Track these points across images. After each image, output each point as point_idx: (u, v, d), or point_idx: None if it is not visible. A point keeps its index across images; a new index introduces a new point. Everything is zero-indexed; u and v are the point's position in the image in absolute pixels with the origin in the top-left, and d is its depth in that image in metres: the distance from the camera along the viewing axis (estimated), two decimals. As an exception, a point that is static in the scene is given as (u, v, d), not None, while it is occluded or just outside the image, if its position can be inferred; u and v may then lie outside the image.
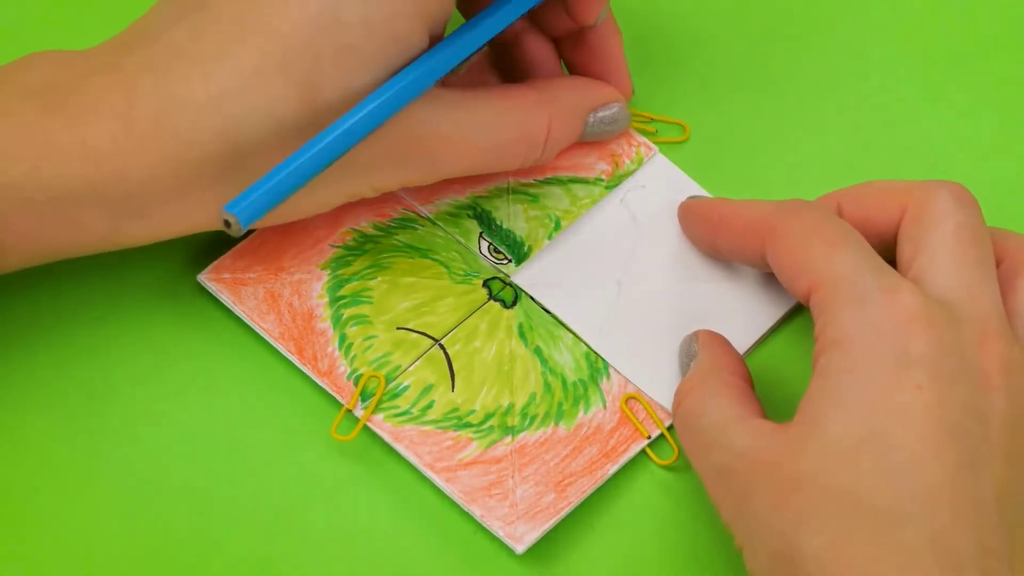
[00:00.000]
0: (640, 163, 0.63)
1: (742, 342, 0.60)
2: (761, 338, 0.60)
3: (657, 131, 0.64)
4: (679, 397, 0.56)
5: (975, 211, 0.55)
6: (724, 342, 0.59)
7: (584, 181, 0.63)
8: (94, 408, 0.58)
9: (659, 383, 0.59)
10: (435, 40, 0.56)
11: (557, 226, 0.62)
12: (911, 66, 0.66)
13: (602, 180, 0.63)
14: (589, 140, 0.62)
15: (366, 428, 0.58)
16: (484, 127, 0.58)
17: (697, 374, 0.57)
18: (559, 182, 0.63)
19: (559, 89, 0.61)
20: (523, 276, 0.61)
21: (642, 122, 0.64)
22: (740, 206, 0.59)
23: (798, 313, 0.61)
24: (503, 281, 0.61)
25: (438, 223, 0.62)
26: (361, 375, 0.59)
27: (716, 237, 0.60)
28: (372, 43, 0.54)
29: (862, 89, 0.65)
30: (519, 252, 0.61)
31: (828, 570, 0.49)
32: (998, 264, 0.56)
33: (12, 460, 0.57)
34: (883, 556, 0.49)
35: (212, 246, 0.61)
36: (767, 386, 0.59)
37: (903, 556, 0.49)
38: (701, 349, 0.58)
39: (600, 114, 0.62)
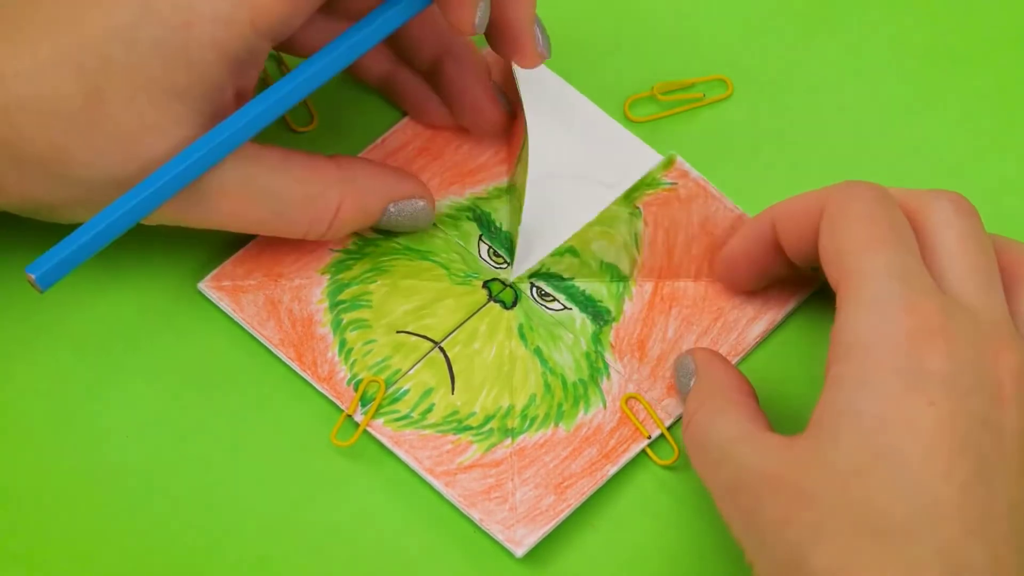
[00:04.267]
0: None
1: (741, 342, 0.60)
2: (762, 336, 0.61)
3: (704, 94, 0.64)
4: (688, 416, 0.56)
5: (976, 220, 0.55)
6: (723, 360, 0.58)
7: None
8: (94, 412, 0.59)
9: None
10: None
11: None
12: (911, 66, 0.65)
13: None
14: (387, 228, 0.60)
15: (366, 432, 0.59)
16: (271, 193, 0.57)
17: (704, 392, 0.57)
18: (558, 183, 0.63)
19: (361, 172, 0.59)
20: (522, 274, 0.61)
21: (684, 89, 0.64)
22: (788, 204, 0.57)
23: (796, 313, 0.61)
24: (503, 282, 0.61)
25: (437, 225, 0.62)
26: (361, 380, 0.59)
27: (773, 242, 0.58)
28: (163, 64, 0.54)
29: (862, 89, 0.65)
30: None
31: None
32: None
33: (13, 460, 0.58)
34: (892, 571, 0.49)
35: (213, 253, 0.61)
36: (768, 385, 0.59)
37: (912, 571, 0.49)
38: (701, 368, 0.58)
39: (401, 205, 0.60)
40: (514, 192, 0.62)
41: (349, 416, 0.58)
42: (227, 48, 0.54)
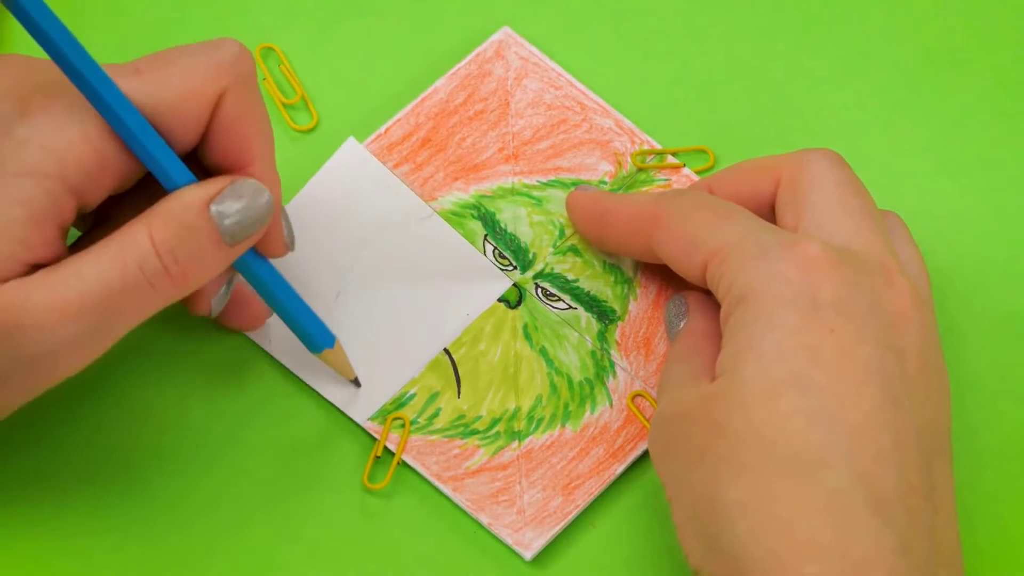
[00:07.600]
0: (643, 161, 0.62)
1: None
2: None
3: (685, 164, 0.63)
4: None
5: (849, 169, 0.55)
6: (714, 307, 0.58)
7: (587, 184, 0.62)
8: (98, 410, 0.59)
9: None
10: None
11: (561, 234, 0.62)
12: (911, 66, 0.65)
13: (605, 182, 0.62)
14: (239, 244, 0.52)
15: (371, 436, 0.59)
16: (84, 280, 0.50)
17: (685, 336, 0.57)
18: (562, 184, 0.62)
19: (161, 201, 0.52)
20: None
21: (660, 159, 0.63)
22: (622, 200, 0.59)
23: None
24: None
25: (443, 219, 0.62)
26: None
27: (602, 232, 0.59)
28: None
29: (862, 89, 0.64)
30: (524, 259, 0.61)
31: (751, 516, 0.49)
32: None
33: (15, 460, 0.58)
34: (807, 499, 0.49)
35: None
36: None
37: (828, 498, 0.49)
38: (693, 311, 0.58)
39: (227, 203, 0.52)
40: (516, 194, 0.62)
41: (375, 457, 0.58)
42: (33, 204, 0.49)
